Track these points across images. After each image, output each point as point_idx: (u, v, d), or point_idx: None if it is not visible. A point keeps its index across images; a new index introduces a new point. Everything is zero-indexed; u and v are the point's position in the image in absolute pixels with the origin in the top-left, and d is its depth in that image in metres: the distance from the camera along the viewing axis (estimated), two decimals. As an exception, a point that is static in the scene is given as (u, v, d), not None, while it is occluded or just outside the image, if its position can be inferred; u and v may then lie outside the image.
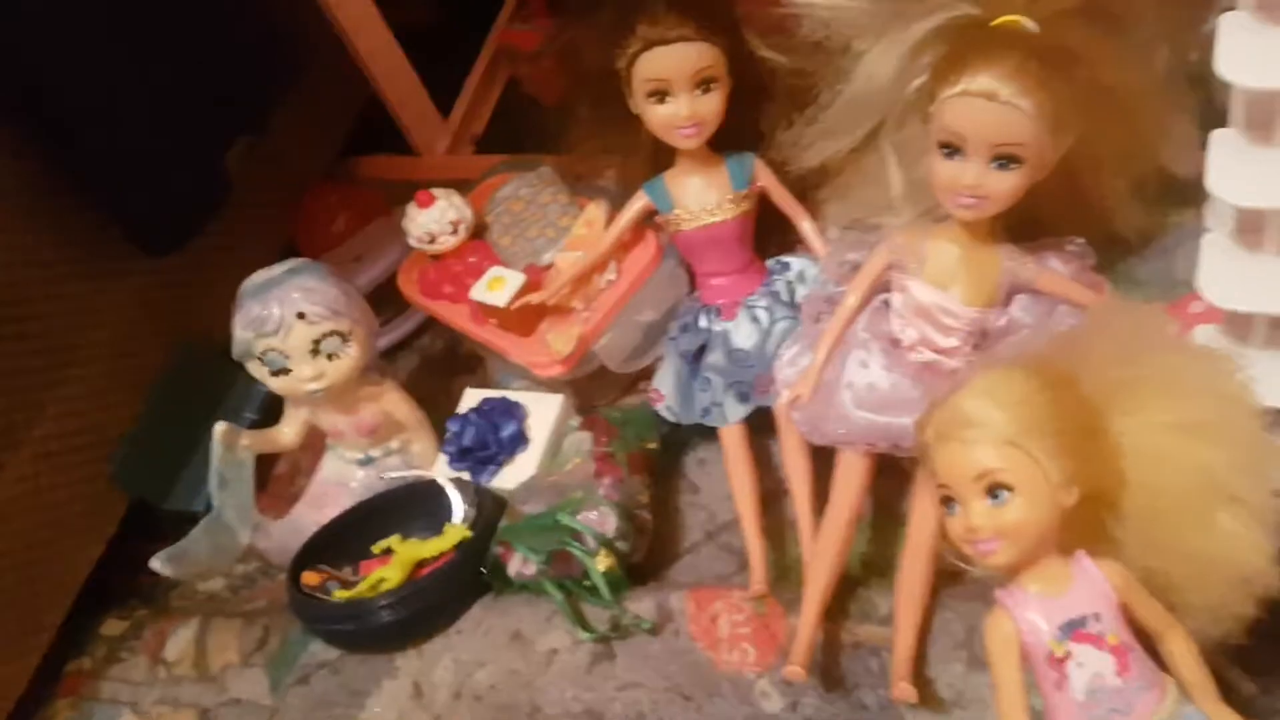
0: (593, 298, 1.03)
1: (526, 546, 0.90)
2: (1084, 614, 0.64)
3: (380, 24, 1.21)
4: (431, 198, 1.08)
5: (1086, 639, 0.64)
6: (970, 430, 0.65)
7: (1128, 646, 0.64)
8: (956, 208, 0.82)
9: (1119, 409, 0.68)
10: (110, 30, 0.96)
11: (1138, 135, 0.89)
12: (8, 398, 0.99)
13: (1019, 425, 0.64)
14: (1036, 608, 0.65)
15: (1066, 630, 0.64)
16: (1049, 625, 0.64)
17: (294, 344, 0.95)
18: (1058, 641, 0.64)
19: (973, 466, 0.65)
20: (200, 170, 1.06)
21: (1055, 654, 0.64)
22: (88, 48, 0.95)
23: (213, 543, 0.98)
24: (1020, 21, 0.81)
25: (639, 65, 0.92)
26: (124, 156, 0.99)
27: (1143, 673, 0.64)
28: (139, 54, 0.98)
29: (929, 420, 0.68)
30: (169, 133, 1.01)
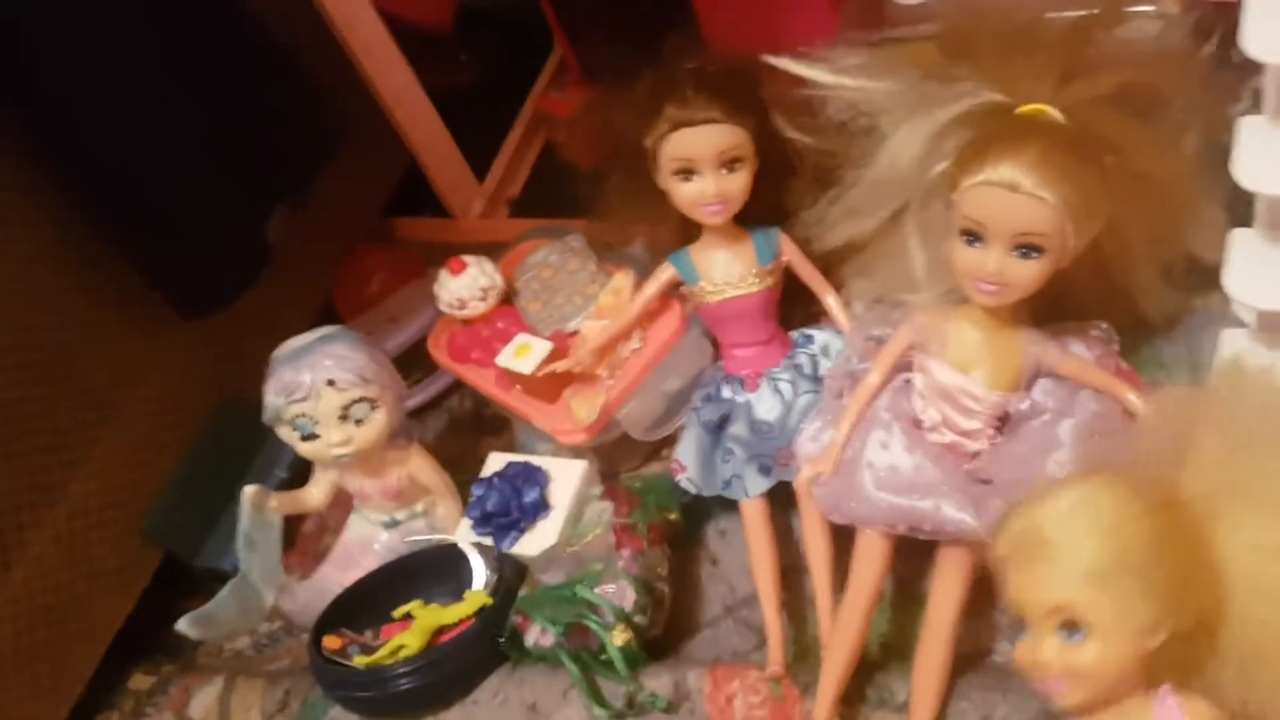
0: (617, 366, 1.04)
1: (545, 617, 0.91)
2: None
3: (420, 93, 1.24)
4: (464, 265, 1.10)
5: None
6: (1048, 557, 0.59)
7: None
8: (978, 294, 0.82)
9: (1223, 524, 0.61)
10: (157, 99, 0.99)
11: (1166, 220, 0.89)
12: (47, 455, 1.02)
13: (1107, 559, 0.57)
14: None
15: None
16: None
17: (323, 410, 0.97)
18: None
19: (1048, 598, 0.59)
20: (241, 239, 1.09)
21: None
22: (135, 116, 0.98)
23: (239, 604, 1.00)
24: (1045, 110, 0.82)
25: (666, 145, 0.94)
26: (166, 223, 1.02)
27: None
28: (184, 123, 1.01)
29: (1004, 531, 0.62)
30: (211, 201, 1.04)
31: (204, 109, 1.02)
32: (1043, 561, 0.59)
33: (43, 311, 1.03)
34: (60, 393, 1.04)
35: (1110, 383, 0.84)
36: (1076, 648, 0.58)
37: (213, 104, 1.03)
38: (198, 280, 1.06)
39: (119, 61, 0.95)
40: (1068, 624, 0.58)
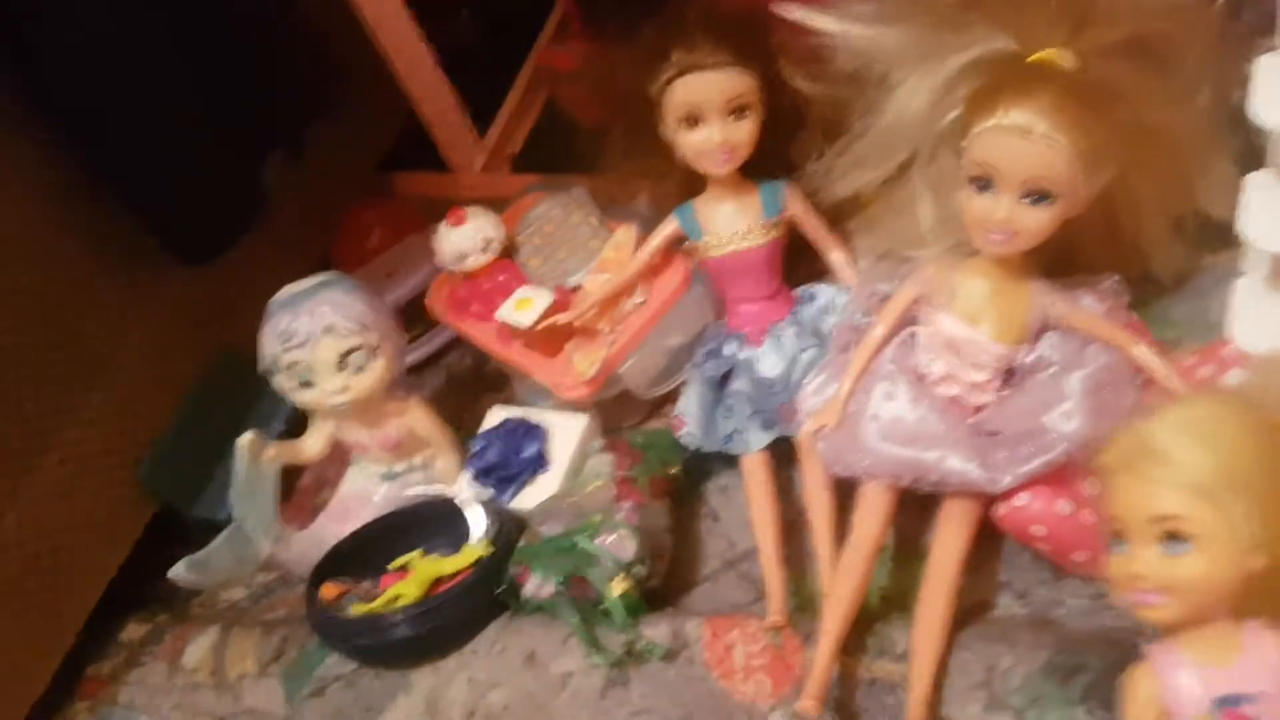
0: (619, 321, 1.03)
1: (544, 568, 0.90)
2: (1247, 691, 0.57)
3: (420, 44, 1.22)
4: (463, 216, 1.08)
5: (1238, 718, 0.58)
6: (1158, 467, 0.58)
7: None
8: (987, 243, 0.81)
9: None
10: (148, 43, 0.97)
11: (1176, 175, 0.88)
12: (39, 402, 1.01)
13: (1218, 472, 0.57)
14: (1192, 673, 0.59)
15: (1221, 704, 0.58)
16: (1203, 695, 0.58)
17: (321, 357, 0.96)
18: (1208, 715, 0.58)
19: (1153, 507, 0.58)
20: (235, 182, 1.08)
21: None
22: (127, 60, 0.96)
23: (234, 553, 0.99)
24: (1058, 56, 0.81)
25: (673, 91, 0.92)
26: (159, 166, 1.00)
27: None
28: (176, 66, 1.00)
29: (1114, 444, 0.61)
30: (205, 143, 1.02)
31: (197, 53, 1.00)
32: (1152, 471, 0.58)
33: (35, 259, 1.01)
34: (53, 340, 1.02)
35: (1119, 335, 0.83)
36: (1178, 560, 0.57)
37: (206, 48, 1.01)
38: (193, 225, 1.05)
39: (111, 7, 0.93)
40: (1171, 535, 0.57)
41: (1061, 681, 0.74)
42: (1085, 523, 0.79)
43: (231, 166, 1.08)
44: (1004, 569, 0.86)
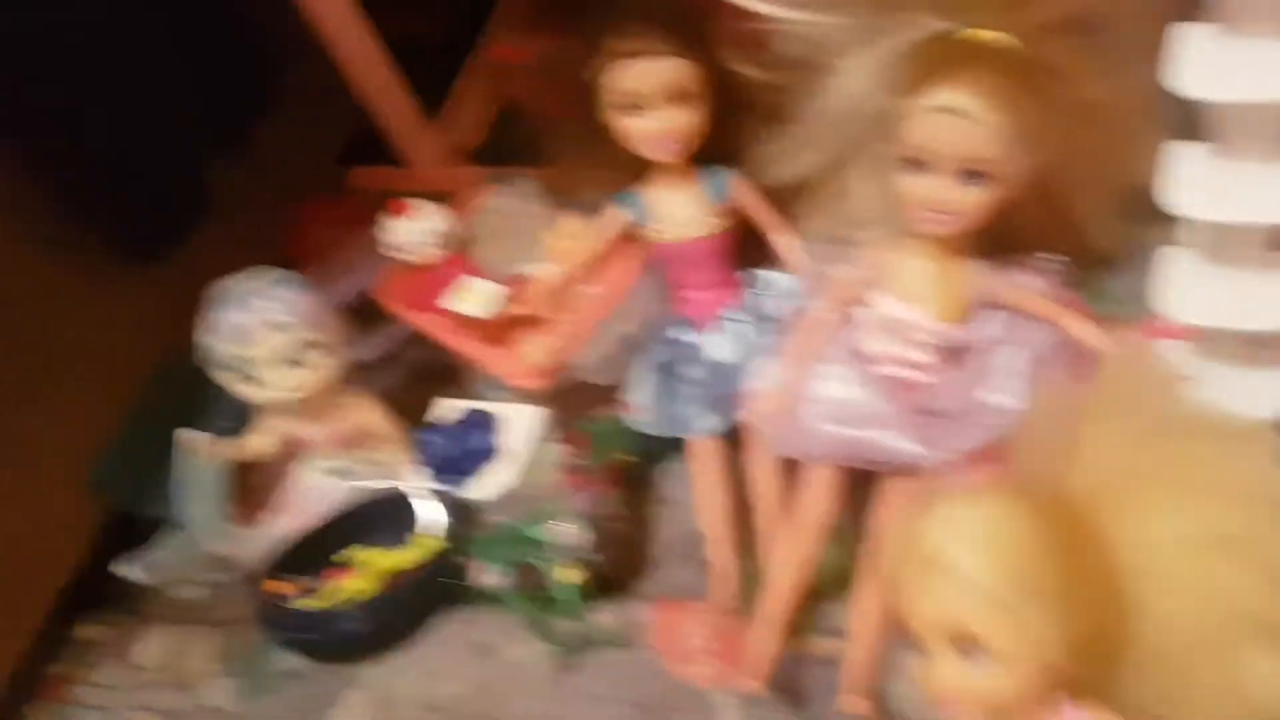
0: (571, 310, 1.03)
1: (495, 558, 0.90)
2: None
3: (366, 37, 1.21)
4: (405, 207, 1.08)
5: None
6: (944, 577, 0.55)
7: None
8: (924, 223, 0.81)
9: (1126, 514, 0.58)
10: (88, 40, 0.96)
11: (1113, 150, 0.89)
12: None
13: (1004, 580, 0.54)
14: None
15: None
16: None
17: (267, 353, 0.95)
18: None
19: (944, 618, 0.56)
20: (179, 179, 1.07)
21: None
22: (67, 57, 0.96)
23: (182, 550, 0.98)
24: (991, 36, 0.81)
25: (612, 79, 0.92)
26: (102, 161, 1.00)
27: None
28: (117, 62, 0.99)
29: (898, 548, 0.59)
30: (149, 141, 1.01)
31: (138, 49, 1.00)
32: (938, 582, 0.55)
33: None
34: (1, 343, 1.01)
35: (1058, 313, 0.84)
36: (974, 670, 0.55)
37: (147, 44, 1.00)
38: (137, 221, 1.04)
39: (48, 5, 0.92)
40: (966, 646, 0.55)
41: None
42: (1027, 497, 0.80)
43: (177, 163, 1.07)
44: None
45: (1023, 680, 0.55)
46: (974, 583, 0.54)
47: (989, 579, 0.54)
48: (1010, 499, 0.57)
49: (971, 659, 0.55)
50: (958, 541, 0.55)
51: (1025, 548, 0.55)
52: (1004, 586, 0.54)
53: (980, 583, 0.54)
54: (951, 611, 0.55)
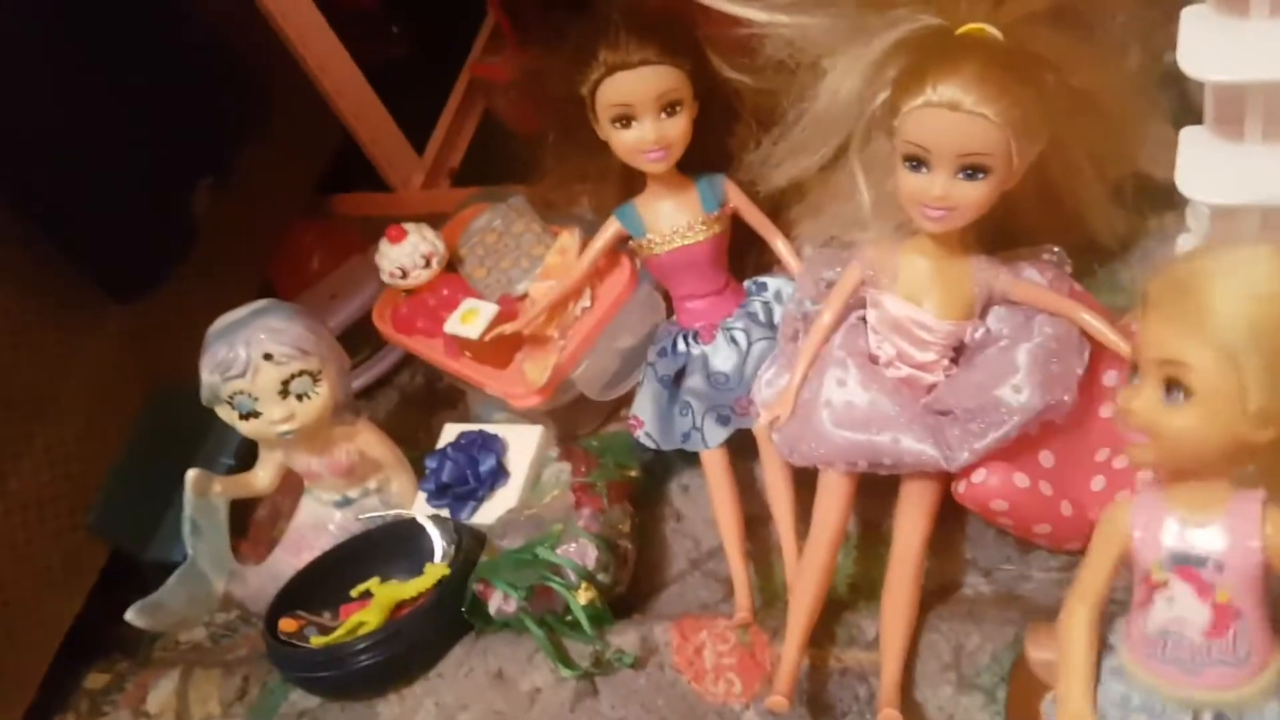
0: (568, 326, 1.02)
1: (506, 583, 0.88)
2: (1206, 554, 0.55)
3: (347, 61, 1.20)
4: (403, 232, 1.07)
5: (1192, 579, 0.56)
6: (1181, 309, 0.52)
7: (1238, 613, 0.55)
8: (925, 220, 0.80)
9: None
10: (66, 75, 0.95)
11: (1112, 138, 0.88)
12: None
13: (1238, 331, 0.51)
14: (1162, 520, 0.56)
15: (1175, 559, 0.56)
16: (1162, 545, 0.56)
17: (262, 386, 0.94)
18: (1160, 566, 0.56)
19: (1162, 350, 0.53)
20: (163, 213, 1.05)
21: (1153, 576, 0.57)
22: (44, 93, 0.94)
23: (188, 592, 0.96)
24: (983, 29, 0.80)
25: (602, 91, 0.91)
26: (83, 201, 0.98)
27: (1239, 647, 0.55)
28: (96, 96, 0.97)
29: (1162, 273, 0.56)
30: (128, 176, 1.00)
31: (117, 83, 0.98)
32: (1173, 311, 0.53)
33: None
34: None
35: (1065, 305, 0.83)
36: (1171, 409, 0.53)
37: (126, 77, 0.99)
38: (122, 260, 1.02)
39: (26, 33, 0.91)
40: (1173, 382, 0.53)
41: (1030, 657, 0.73)
42: (1045, 495, 0.79)
43: (158, 197, 1.05)
44: (969, 547, 0.86)
45: (1211, 439, 0.53)
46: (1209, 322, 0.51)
47: (1225, 325, 0.51)
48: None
49: (1172, 398, 0.53)
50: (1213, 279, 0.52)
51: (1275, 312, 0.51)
52: (1236, 337, 0.51)
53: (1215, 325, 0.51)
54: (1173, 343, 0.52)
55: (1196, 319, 0.52)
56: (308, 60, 1.16)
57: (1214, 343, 0.52)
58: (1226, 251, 0.54)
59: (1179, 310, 0.53)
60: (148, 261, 1.05)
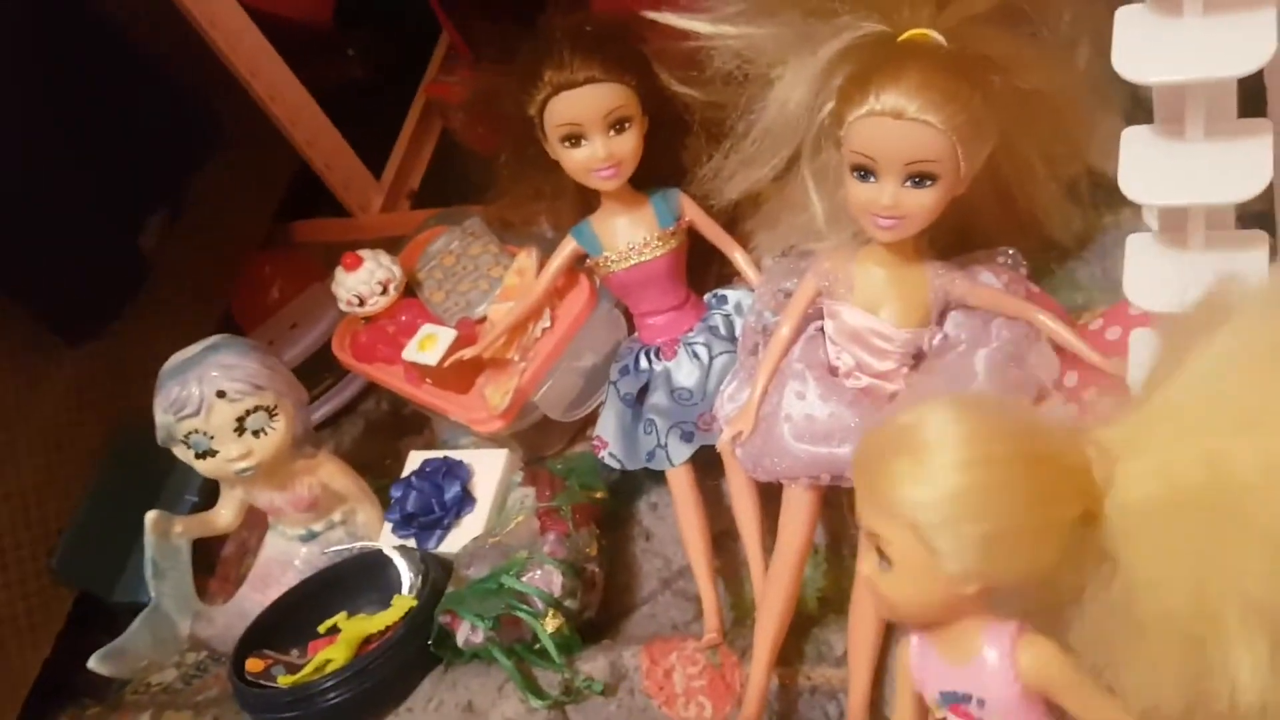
0: (528, 348, 1.01)
1: (473, 613, 0.87)
2: (968, 692, 0.57)
3: (298, 88, 1.19)
4: (358, 260, 1.05)
5: (963, 715, 0.57)
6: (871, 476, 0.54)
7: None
8: (876, 230, 0.80)
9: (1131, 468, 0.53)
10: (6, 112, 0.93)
11: (1064, 137, 0.87)
12: (-65, 503, 0.96)
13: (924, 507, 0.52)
14: (928, 663, 0.59)
15: (945, 698, 0.58)
16: (932, 686, 0.59)
17: (217, 424, 0.92)
18: (936, 704, 0.59)
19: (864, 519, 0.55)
20: (112, 252, 1.04)
21: (934, 713, 0.59)
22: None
23: (153, 636, 0.95)
24: (926, 35, 0.79)
25: (550, 110, 0.90)
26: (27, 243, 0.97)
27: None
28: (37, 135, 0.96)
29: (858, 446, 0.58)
30: (76, 215, 0.99)
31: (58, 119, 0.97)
32: (863, 487, 0.55)
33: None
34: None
35: (1021, 308, 0.82)
36: (883, 576, 0.55)
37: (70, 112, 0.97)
38: (71, 302, 1.01)
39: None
40: (879, 551, 0.55)
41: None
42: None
43: (106, 235, 1.04)
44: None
45: (920, 596, 0.55)
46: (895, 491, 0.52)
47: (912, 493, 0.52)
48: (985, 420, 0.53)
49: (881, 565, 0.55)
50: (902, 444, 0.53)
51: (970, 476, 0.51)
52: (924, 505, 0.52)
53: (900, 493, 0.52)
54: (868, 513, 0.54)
55: (880, 497, 0.53)
56: (257, 89, 1.15)
57: (897, 520, 0.53)
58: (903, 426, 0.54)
59: (867, 487, 0.54)
60: (97, 302, 1.04)
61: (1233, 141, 0.65)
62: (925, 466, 0.52)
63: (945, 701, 0.58)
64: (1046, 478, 0.53)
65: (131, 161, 1.05)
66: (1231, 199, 0.64)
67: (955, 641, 0.57)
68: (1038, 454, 0.53)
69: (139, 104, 1.07)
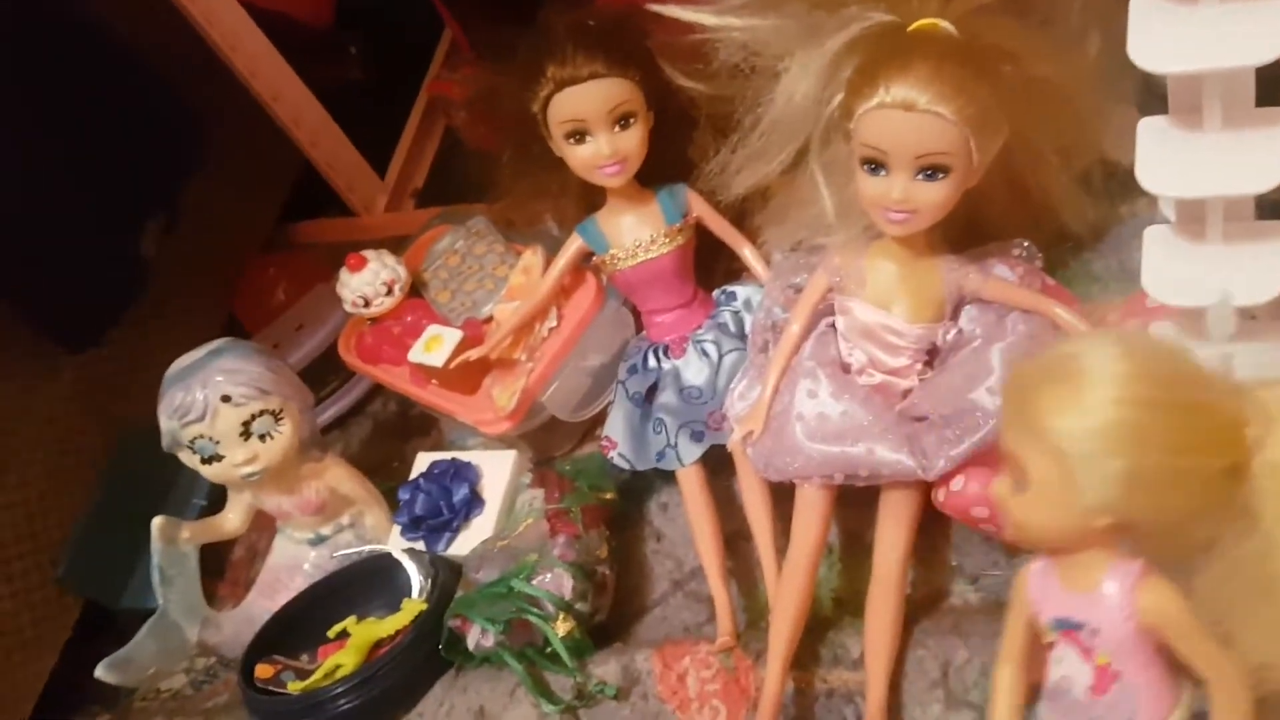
0: (535, 347, 1.00)
1: (483, 617, 0.86)
2: (1083, 621, 0.58)
3: (301, 88, 1.18)
4: (363, 260, 1.05)
5: (1074, 641, 0.59)
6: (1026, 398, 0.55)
7: (1118, 675, 0.58)
8: (887, 224, 0.78)
9: None
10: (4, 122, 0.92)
11: (1076, 127, 0.86)
12: (-62, 515, 0.96)
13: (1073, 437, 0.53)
14: (1048, 587, 0.60)
15: (1060, 624, 0.60)
16: (1048, 611, 0.60)
17: (222, 429, 0.92)
18: (1049, 628, 0.60)
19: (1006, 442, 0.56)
20: (111, 257, 1.03)
21: (1045, 637, 0.61)
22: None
23: (160, 644, 0.94)
24: (935, 25, 0.78)
25: (553, 107, 0.89)
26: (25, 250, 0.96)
27: (1122, 707, 0.58)
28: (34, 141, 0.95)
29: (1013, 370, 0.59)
30: (72, 222, 0.98)
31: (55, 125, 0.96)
32: (1013, 411, 0.56)
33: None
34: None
35: (1037, 301, 0.81)
36: (1018, 497, 0.57)
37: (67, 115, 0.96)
38: (71, 308, 1.00)
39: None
40: (1017, 474, 0.56)
41: (1018, 670, 0.71)
42: (1026, 498, 0.77)
43: (105, 240, 1.03)
44: (954, 553, 0.84)
45: (1053, 524, 0.56)
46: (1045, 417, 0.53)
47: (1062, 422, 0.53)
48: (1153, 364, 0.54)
49: (1018, 489, 0.56)
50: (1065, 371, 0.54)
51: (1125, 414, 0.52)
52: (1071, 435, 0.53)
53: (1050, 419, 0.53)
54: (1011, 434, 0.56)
55: (1026, 422, 0.55)
56: (259, 90, 1.14)
57: (1040, 446, 0.54)
58: (1065, 354, 0.55)
59: (1015, 412, 0.56)
60: (97, 309, 1.03)
61: (1251, 132, 0.64)
62: (1082, 397, 0.53)
63: (1058, 626, 0.59)
64: (1199, 426, 0.54)
65: (130, 167, 1.04)
66: (1251, 190, 0.63)
67: (1079, 570, 0.58)
68: (1195, 402, 0.54)
69: (137, 107, 1.06)
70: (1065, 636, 0.59)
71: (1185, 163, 0.64)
